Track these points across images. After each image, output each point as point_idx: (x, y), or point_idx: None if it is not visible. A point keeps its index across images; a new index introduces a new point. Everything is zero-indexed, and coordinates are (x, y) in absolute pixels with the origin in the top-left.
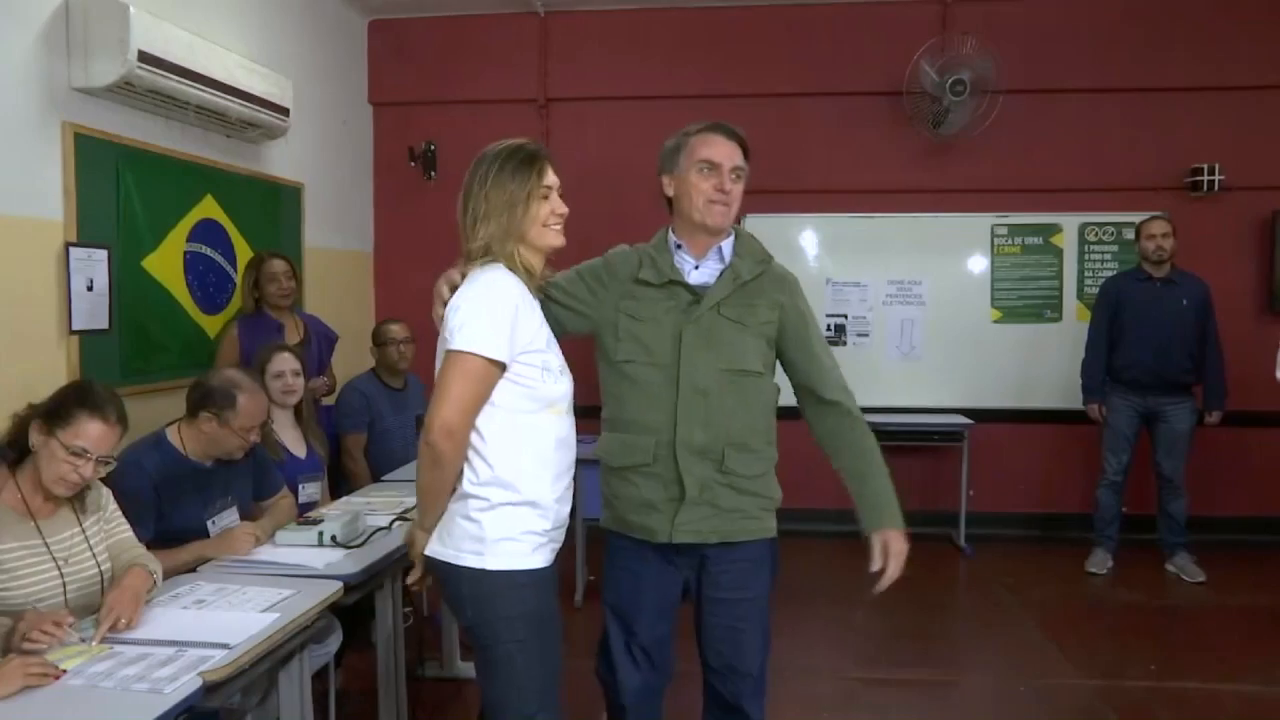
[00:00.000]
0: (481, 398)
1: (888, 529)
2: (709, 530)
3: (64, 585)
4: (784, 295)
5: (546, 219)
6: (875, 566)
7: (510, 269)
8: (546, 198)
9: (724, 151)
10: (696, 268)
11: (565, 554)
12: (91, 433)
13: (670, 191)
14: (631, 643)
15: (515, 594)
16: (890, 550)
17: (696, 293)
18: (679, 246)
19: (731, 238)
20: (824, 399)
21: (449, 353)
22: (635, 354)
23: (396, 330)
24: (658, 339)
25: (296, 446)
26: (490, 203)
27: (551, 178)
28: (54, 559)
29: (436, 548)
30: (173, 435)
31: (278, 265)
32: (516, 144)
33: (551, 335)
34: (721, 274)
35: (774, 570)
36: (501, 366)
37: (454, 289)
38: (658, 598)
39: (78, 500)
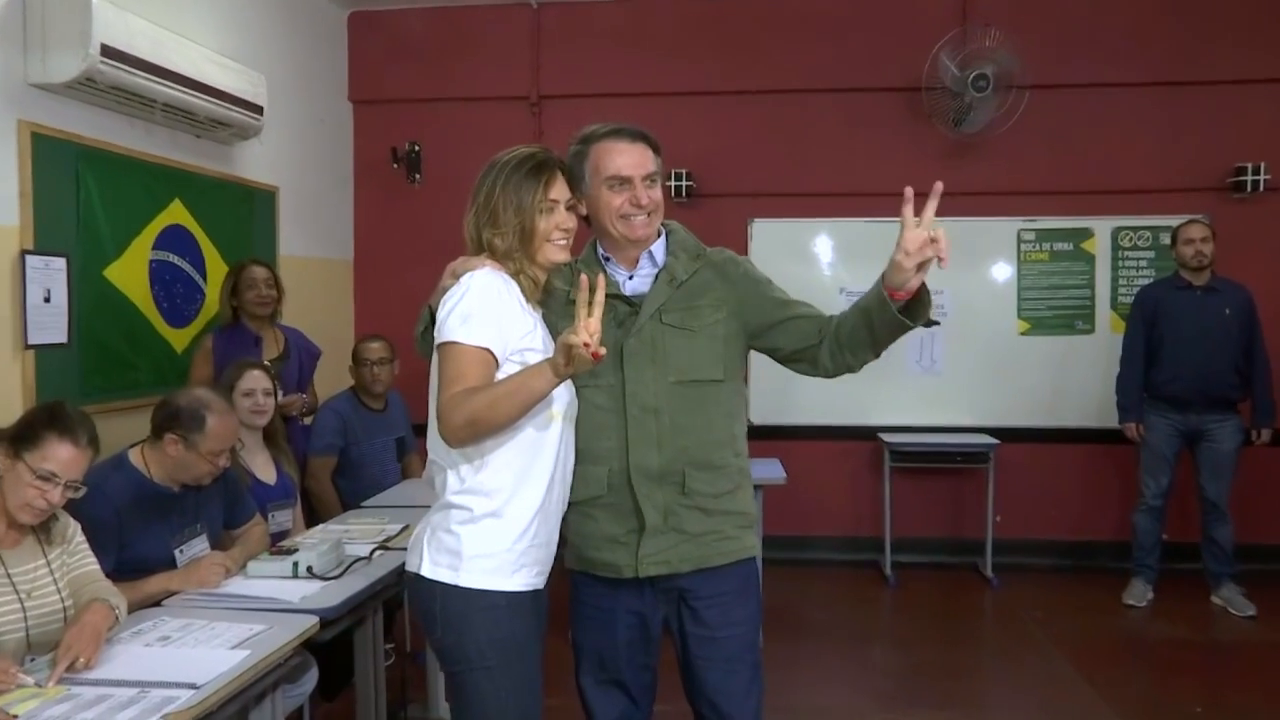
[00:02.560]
0: (476, 376)
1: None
2: (680, 559)
3: (25, 619)
4: (726, 287)
5: (550, 233)
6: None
7: (512, 277)
8: (551, 211)
9: (632, 161)
10: (630, 278)
11: (560, 582)
12: (61, 456)
13: (583, 211)
14: (604, 678)
15: (488, 616)
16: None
17: (633, 303)
18: (607, 259)
19: (662, 238)
20: (823, 331)
21: (441, 347)
22: (578, 378)
23: (373, 349)
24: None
25: (266, 471)
26: (496, 216)
27: (559, 190)
28: (16, 591)
29: (411, 559)
30: (135, 457)
31: (258, 271)
32: (527, 152)
33: (550, 339)
34: (655, 279)
35: (758, 595)
36: (491, 355)
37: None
38: (634, 636)
39: (43, 530)
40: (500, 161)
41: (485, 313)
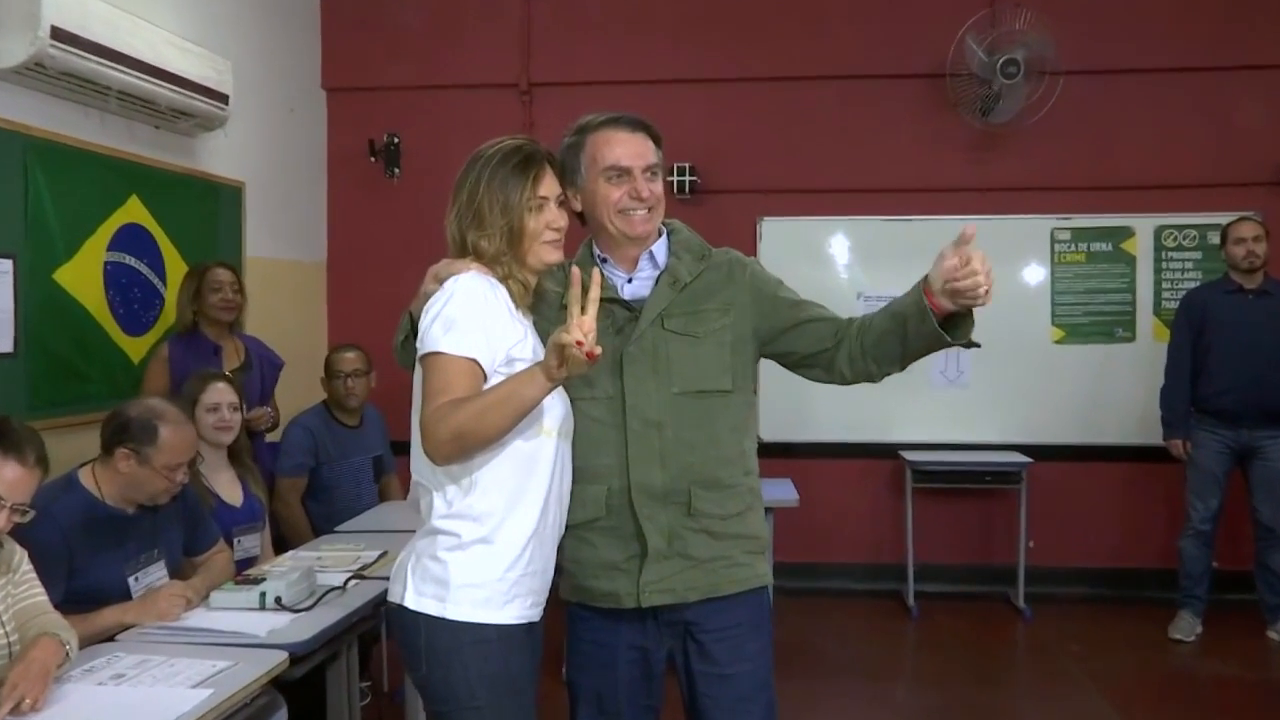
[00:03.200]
0: (463, 389)
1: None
2: (686, 587)
3: None
4: (733, 290)
5: (540, 233)
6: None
7: (500, 281)
8: (541, 209)
9: (632, 150)
10: (630, 281)
11: (554, 615)
12: (6, 476)
13: (578, 206)
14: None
15: (478, 651)
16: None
17: (633, 308)
18: (604, 260)
19: (663, 237)
20: (840, 334)
21: (424, 359)
22: (573, 389)
23: (347, 360)
24: (596, 369)
25: (231, 492)
26: (481, 216)
27: (549, 185)
28: None
29: (394, 588)
30: (85, 477)
31: (223, 274)
32: (513, 145)
33: (543, 349)
34: (657, 281)
35: (770, 627)
36: (478, 366)
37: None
38: (635, 673)
39: None
40: (484, 156)
41: (471, 320)
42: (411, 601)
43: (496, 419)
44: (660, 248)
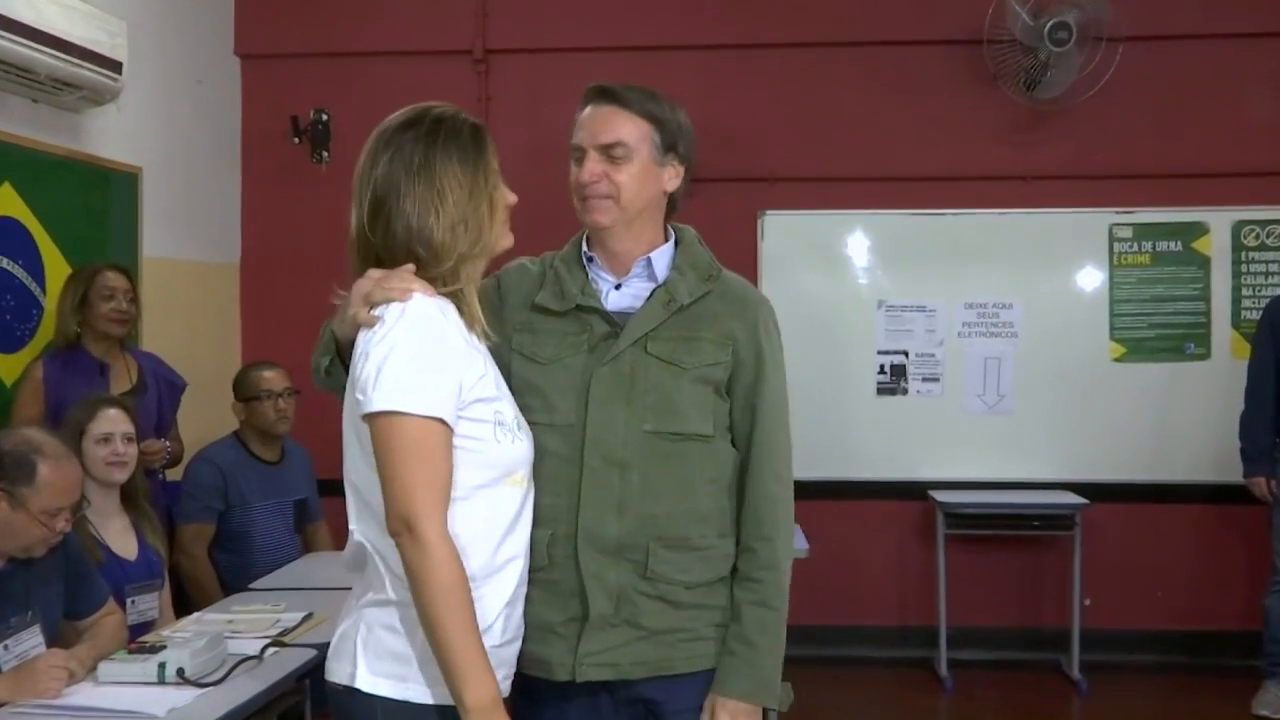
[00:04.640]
0: (447, 467)
1: (730, 698)
2: (631, 661)
3: None
4: (739, 326)
5: (503, 214)
6: None
7: (450, 298)
8: (500, 185)
9: (589, 128)
10: (617, 287)
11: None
12: None
13: None
14: None
15: None
16: None
17: (615, 323)
18: (591, 260)
19: (670, 245)
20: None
21: (376, 418)
22: (531, 411)
23: (272, 378)
24: (561, 388)
25: (123, 543)
26: (438, 205)
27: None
28: None
29: (339, 667)
30: None
31: (115, 278)
32: (447, 113)
33: (501, 377)
34: (651, 296)
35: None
36: (445, 426)
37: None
38: None
39: None
40: (415, 129)
41: (432, 366)
42: (365, 682)
43: (431, 625)
44: (662, 256)
